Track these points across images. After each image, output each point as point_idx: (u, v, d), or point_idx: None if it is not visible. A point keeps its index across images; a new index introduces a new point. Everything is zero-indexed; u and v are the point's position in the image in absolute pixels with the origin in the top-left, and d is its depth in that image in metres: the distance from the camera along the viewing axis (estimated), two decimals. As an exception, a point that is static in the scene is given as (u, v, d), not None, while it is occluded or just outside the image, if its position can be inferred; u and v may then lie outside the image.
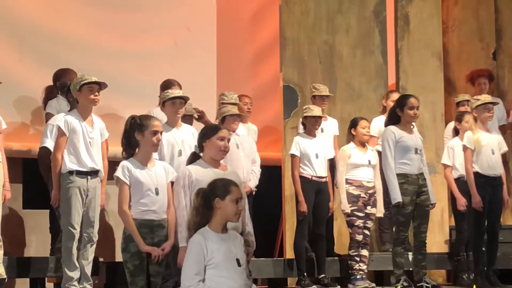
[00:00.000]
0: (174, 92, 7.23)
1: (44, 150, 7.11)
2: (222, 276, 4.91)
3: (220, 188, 5.04)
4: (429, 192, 7.61)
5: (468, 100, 8.82)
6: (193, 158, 5.76)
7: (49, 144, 7.02)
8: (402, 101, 7.65)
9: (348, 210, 8.05)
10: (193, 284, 4.88)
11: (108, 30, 8.99)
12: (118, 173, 5.59)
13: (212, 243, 4.95)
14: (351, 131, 8.27)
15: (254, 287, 5.16)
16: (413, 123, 7.73)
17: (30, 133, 8.41)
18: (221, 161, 5.76)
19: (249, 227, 5.63)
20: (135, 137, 5.66)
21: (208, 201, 5.02)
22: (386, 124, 7.71)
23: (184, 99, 7.22)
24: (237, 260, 4.99)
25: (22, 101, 8.45)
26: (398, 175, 7.49)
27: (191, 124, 7.92)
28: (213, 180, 5.15)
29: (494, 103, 8.13)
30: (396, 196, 7.44)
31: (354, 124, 8.27)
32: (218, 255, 4.93)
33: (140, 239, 5.52)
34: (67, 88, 6.75)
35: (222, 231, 5.04)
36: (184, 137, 7.13)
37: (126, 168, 5.59)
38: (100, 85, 6.67)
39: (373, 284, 8.04)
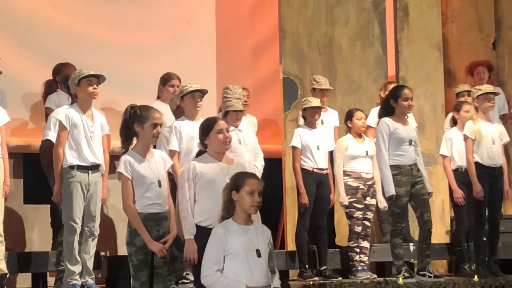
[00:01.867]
0: (193, 85, 7.24)
1: (46, 142, 7.08)
2: (240, 267, 5.04)
3: (236, 181, 5.18)
4: (425, 181, 7.57)
5: (468, 91, 8.81)
6: (199, 155, 5.77)
7: (52, 136, 6.99)
8: (396, 92, 7.60)
9: (346, 202, 8.08)
10: (211, 273, 5.05)
11: (107, 24, 8.99)
12: (121, 168, 5.55)
13: (233, 234, 5.09)
14: (347, 123, 8.28)
15: (276, 280, 5.23)
16: (408, 114, 7.69)
17: (30, 128, 8.41)
18: (227, 156, 5.76)
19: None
20: (135, 128, 5.61)
21: (229, 195, 5.17)
22: (380, 115, 7.66)
23: (202, 92, 7.22)
24: (257, 251, 5.10)
25: (22, 96, 8.45)
26: (392, 166, 7.45)
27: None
28: (234, 174, 5.28)
29: (495, 93, 8.12)
30: (390, 189, 7.41)
31: (349, 116, 8.28)
32: (237, 246, 5.06)
33: (147, 236, 5.49)
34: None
35: (246, 223, 5.16)
36: None
37: (128, 163, 5.56)
38: (99, 78, 6.68)
39: (375, 275, 8.05)
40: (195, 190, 5.56)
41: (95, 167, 6.68)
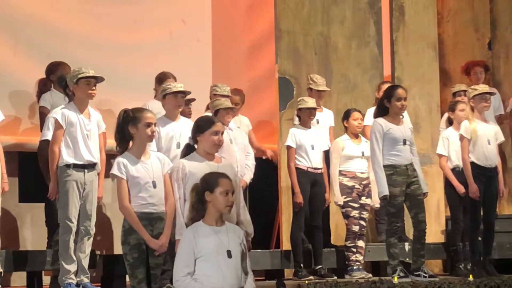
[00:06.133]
0: (176, 85, 7.22)
1: (45, 143, 7.07)
2: (211, 268, 5.00)
3: (209, 182, 5.14)
4: (420, 181, 7.59)
5: (464, 90, 8.81)
6: (188, 150, 5.75)
7: (51, 137, 6.98)
8: (390, 92, 7.60)
9: (341, 202, 8.09)
10: (180, 278, 5.02)
11: (103, 23, 8.97)
12: (114, 170, 5.56)
13: (202, 236, 5.05)
14: (343, 123, 8.29)
15: (250, 282, 5.19)
16: (403, 114, 7.69)
17: (25, 127, 8.39)
18: (215, 154, 5.75)
19: (244, 216, 5.62)
20: (129, 130, 5.62)
21: (200, 196, 5.12)
22: (375, 116, 7.68)
23: (185, 94, 7.21)
24: (228, 251, 5.05)
25: (17, 94, 8.43)
26: (387, 166, 7.45)
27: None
28: (204, 175, 5.23)
29: (491, 93, 8.13)
30: (383, 190, 7.40)
31: (346, 116, 8.30)
32: (208, 248, 5.02)
33: (146, 234, 5.49)
34: (66, 82, 6.74)
35: (217, 224, 5.13)
36: (183, 130, 7.13)
37: (121, 164, 5.56)
38: (97, 79, 6.67)
39: (370, 275, 8.06)
40: (184, 190, 5.56)
41: (91, 166, 6.68)
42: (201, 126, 5.70)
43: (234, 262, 5.06)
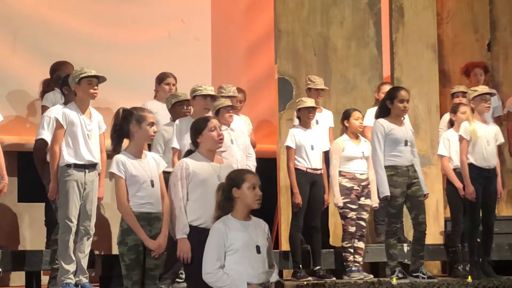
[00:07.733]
0: (208, 88, 7.21)
1: (40, 142, 7.09)
2: (240, 263, 5.03)
3: (235, 178, 5.17)
4: (421, 182, 7.60)
5: (463, 92, 8.81)
6: (188, 155, 5.76)
7: (46, 136, 7.00)
8: (392, 94, 7.62)
9: (341, 204, 8.07)
10: (213, 270, 5.03)
11: (102, 22, 8.98)
12: (113, 168, 5.54)
13: (233, 230, 5.08)
14: (344, 123, 8.28)
15: (275, 276, 5.20)
16: (404, 115, 7.69)
17: (24, 126, 8.41)
18: (217, 155, 5.76)
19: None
20: (131, 128, 5.59)
21: (227, 193, 5.15)
22: (377, 117, 7.69)
23: (214, 98, 7.22)
24: (257, 247, 5.09)
25: (16, 94, 8.44)
26: (388, 167, 7.46)
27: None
28: (229, 173, 5.28)
29: (491, 94, 8.13)
30: (384, 190, 7.42)
31: (347, 115, 8.27)
32: (238, 242, 5.05)
33: (144, 234, 5.49)
34: (62, 81, 6.74)
35: (245, 219, 5.16)
36: None
37: (120, 163, 5.54)
38: (99, 79, 6.67)
39: (369, 276, 8.05)
40: (187, 189, 5.55)
41: (92, 166, 6.68)
42: (198, 128, 5.71)
43: (263, 257, 5.11)
